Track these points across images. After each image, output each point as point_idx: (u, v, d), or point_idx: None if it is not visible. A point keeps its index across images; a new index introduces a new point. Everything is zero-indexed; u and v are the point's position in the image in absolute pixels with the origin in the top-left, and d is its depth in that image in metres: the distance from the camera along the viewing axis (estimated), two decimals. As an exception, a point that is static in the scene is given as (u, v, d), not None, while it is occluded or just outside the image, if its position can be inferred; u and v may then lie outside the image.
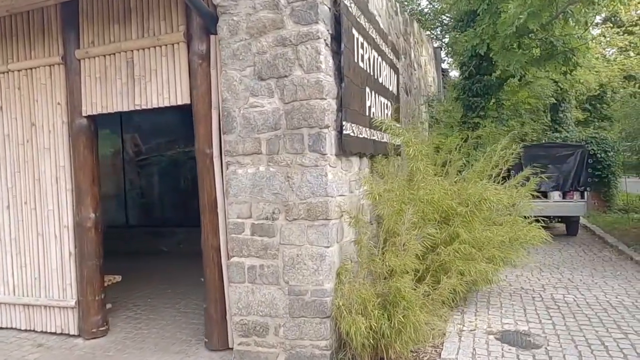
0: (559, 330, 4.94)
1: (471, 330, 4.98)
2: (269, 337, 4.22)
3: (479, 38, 7.98)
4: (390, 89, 6.59)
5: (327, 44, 4.11)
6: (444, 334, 4.85)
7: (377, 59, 5.73)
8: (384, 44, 6.10)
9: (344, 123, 4.25)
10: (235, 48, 4.22)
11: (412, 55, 10.40)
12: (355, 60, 4.68)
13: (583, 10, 7.37)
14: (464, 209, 5.00)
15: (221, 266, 4.52)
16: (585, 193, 10.35)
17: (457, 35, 9.99)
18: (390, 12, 8.03)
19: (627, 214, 12.42)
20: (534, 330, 4.97)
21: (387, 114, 6.30)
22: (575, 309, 5.67)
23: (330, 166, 4.09)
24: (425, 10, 18.14)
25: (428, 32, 19.13)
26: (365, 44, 5.11)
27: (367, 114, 5.17)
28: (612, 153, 13.69)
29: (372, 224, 5.55)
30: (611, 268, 7.72)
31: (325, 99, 4.01)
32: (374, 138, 5.41)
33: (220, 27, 4.27)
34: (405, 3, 15.32)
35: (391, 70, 6.65)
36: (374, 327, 3.79)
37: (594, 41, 20.17)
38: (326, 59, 4.07)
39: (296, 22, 4.02)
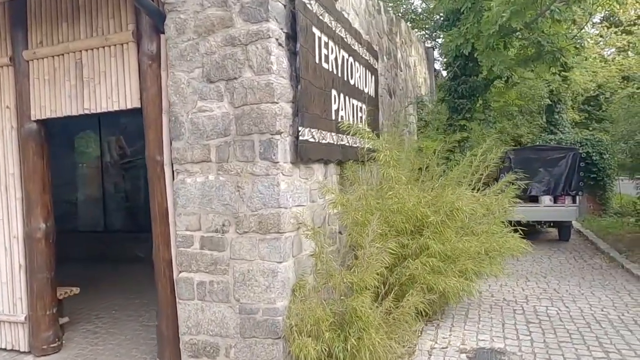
0: (536, 348, 4.63)
1: (443, 348, 4.68)
2: (220, 358, 3.93)
3: (463, 37, 7.68)
4: (366, 91, 6.30)
5: (280, 44, 3.81)
6: (414, 352, 4.56)
7: (348, 59, 5.43)
8: (357, 43, 5.81)
9: (300, 128, 3.96)
10: (183, 48, 3.94)
11: (399, 55, 10.10)
12: (317, 61, 4.39)
13: (570, 9, 7.05)
14: (436, 218, 4.69)
15: (173, 281, 4.23)
16: (577, 197, 10.03)
17: (442, 35, 9.68)
18: (371, 11, 7.73)
19: (622, 217, 12.08)
20: (511, 347, 4.67)
21: (361, 118, 6.01)
22: (557, 323, 5.36)
23: (283, 175, 3.80)
24: (419, 9, 17.84)
25: (422, 32, 18.85)
26: (331, 44, 4.82)
27: (334, 118, 4.87)
28: (607, 155, 13.37)
29: (342, 234, 5.26)
30: (600, 277, 7.40)
31: (277, 103, 3.72)
32: (342, 143, 5.11)
33: (168, 26, 3.99)
34: (398, 2, 15.02)
35: (367, 71, 6.35)
36: (326, 350, 3.49)
37: (590, 41, 19.87)
38: (278, 59, 3.78)
39: (246, 20, 3.74)
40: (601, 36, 19.87)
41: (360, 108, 5.97)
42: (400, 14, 14.90)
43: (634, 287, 6.72)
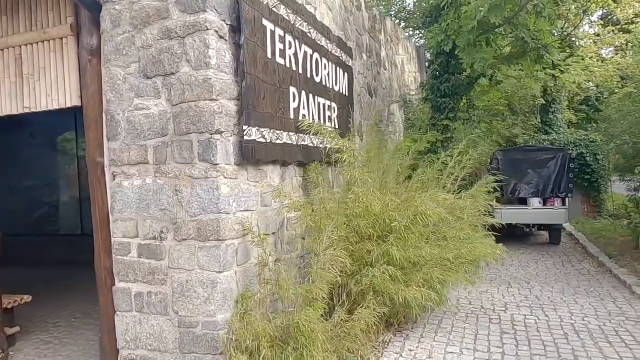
0: (507, 363, 4.34)
1: (406, 363, 4.39)
2: (159, 375, 3.65)
3: (444, 34, 7.39)
4: (337, 89, 6.02)
5: (221, 36, 3.54)
6: (376, 366, 4.28)
7: (312, 56, 5.16)
8: (324, 39, 5.53)
9: (246, 128, 3.68)
10: (119, 42, 3.67)
11: (384, 53, 9.82)
12: (269, 56, 4.12)
13: (555, 4, 6.76)
14: (399, 224, 4.41)
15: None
16: (567, 200, 9.71)
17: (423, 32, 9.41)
18: (349, 7, 7.46)
19: (616, 220, 11.74)
20: (480, 362, 4.38)
21: (330, 117, 5.73)
22: (534, 334, 5.06)
23: (225, 178, 3.52)
24: (410, 8, 17.54)
25: (417, 32, 18.55)
26: (289, 39, 4.54)
27: (293, 117, 4.60)
28: (601, 156, 13.04)
29: (304, 239, 4.98)
30: (586, 283, 7.09)
31: (217, 100, 3.45)
32: (304, 144, 4.83)
33: (104, 18, 3.73)
34: (390, 1, 14.73)
35: (338, 68, 6.08)
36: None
37: (588, 40, 19.52)
38: (219, 53, 3.50)
39: (183, 10, 3.47)
40: (598, 35, 19.51)
41: (329, 107, 5.70)
42: (392, 13, 14.56)
43: (619, 295, 6.41)
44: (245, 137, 3.69)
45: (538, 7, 6.81)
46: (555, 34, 7.89)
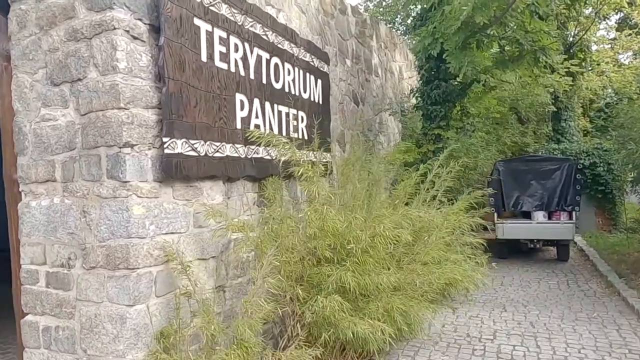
0: (480, 406, 3.77)
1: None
2: (67, 422, 3.21)
3: (431, 37, 6.89)
4: (306, 96, 5.56)
5: (135, 37, 3.13)
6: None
7: (270, 60, 4.72)
8: (287, 42, 5.09)
9: (167, 140, 3.25)
10: (25, 45, 3.29)
11: (375, 60, 9.34)
12: (204, 59, 3.68)
13: (551, 2, 6.21)
14: (356, 246, 3.90)
15: (32, 322, 3.54)
16: (574, 213, 9.02)
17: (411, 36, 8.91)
18: (329, 11, 7.03)
19: (632, 233, 10.92)
20: (450, 404, 3.82)
21: (296, 127, 5.27)
22: (519, 369, 4.47)
23: (138, 197, 3.08)
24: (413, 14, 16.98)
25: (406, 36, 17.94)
26: (235, 41, 4.11)
27: (240, 127, 4.15)
28: (616, 165, 12.26)
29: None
30: (590, 307, 6.43)
31: (127, 109, 3.03)
32: (257, 157, 4.38)
33: (10, 20, 3.35)
34: (391, 8, 14.28)
35: (308, 74, 5.62)
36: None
37: (603, 45, 18.72)
38: (131, 55, 3.09)
39: (89, 8, 3.07)
40: (614, 39, 18.68)
41: (295, 116, 5.24)
42: (394, 21, 14.11)
43: (625, 321, 5.75)
44: (167, 151, 3.25)
45: (532, 5, 6.25)
46: (554, 34, 7.28)
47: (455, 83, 7.96)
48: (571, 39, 13.91)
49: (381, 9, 14.94)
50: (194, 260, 3.60)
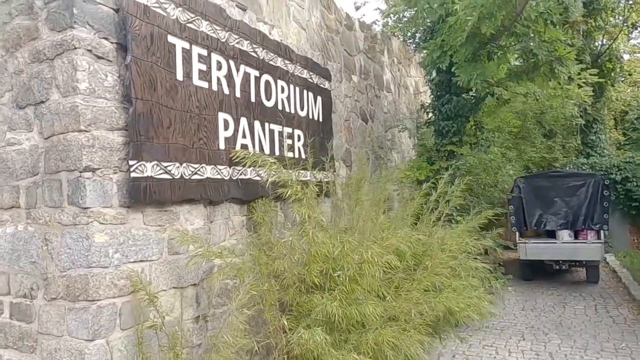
0: None
1: None
2: None
3: (439, 49, 6.62)
4: (303, 114, 5.36)
5: (99, 56, 3.00)
6: None
7: (260, 77, 4.55)
8: (280, 59, 4.92)
9: (134, 163, 3.08)
10: (-8, 68, 3.21)
11: (387, 75, 9.11)
12: (180, 78, 3.53)
13: (564, 9, 5.87)
14: (344, 272, 3.63)
15: (3, 354, 3.41)
16: (602, 232, 8.44)
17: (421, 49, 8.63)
18: (334, 27, 6.86)
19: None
20: None
21: (291, 146, 5.06)
22: (532, 409, 4.05)
23: (101, 224, 2.92)
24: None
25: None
26: (218, 58, 3.96)
27: (223, 147, 3.97)
28: (650, 179, 11.57)
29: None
30: (618, 335, 5.89)
31: (87, 132, 2.88)
32: (243, 178, 4.18)
33: (-20, 43, 3.29)
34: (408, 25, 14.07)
35: (305, 91, 5.43)
36: None
37: (637, 54, 17.93)
38: (94, 76, 2.95)
39: (52, 28, 2.96)
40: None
41: (289, 134, 5.04)
42: (415, 36, 13.88)
43: (656, 354, 5.22)
44: (134, 174, 3.08)
45: (544, 13, 5.92)
46: (570, 43, 6.89)
47: (468, 97, 7.63)
48: (599, 48, 13.32)
49: (400, 25, 14.76)
50: (169, 289, 3.41)
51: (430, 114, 8.24)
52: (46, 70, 2.98)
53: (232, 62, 4.16)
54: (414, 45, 11.43)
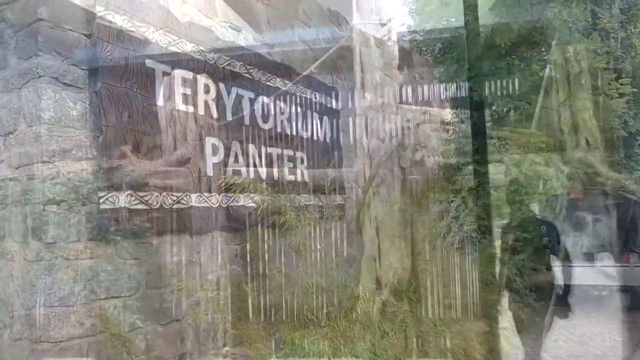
0: None
1: None
2: None
3: (456, 64, 6.30)
4: (307, 136, 5.15)
5: (67, 84, 2.89)
6: None
7: (255, 99, 4.37)
8: (280, 79, 4.74)
9: (102, 194, 2.93)
10: (-33, 99, 3.16)
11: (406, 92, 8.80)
12: (160, 103, 3.39)
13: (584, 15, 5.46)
14: (333, 308, 3.34)
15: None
16: (646, 255, 7.74)
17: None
18: (344, 43, 6.66)
19: None
20: None
21: (294, 169, 4.85)
22: None
23: (66, 259, 2.77)
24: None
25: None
26: (205, 81, 3.80)
27: (212, 173, 3.79)
28: (703, 196, 10.62)
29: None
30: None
31: (50, 162, 2.76)
32: (235, 204, 3.98)
33: (-42, 74, 3.25)
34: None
35: (310, 112, 5.23)
36: None
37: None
38: (60, 104, 2.84)
39: (19, 57, 2.89)
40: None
41: (290, 157, 4.82)
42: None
43: None
44: (105, 206, 2.93)
45: (568, 22, 5.52)
46: (600, 52, 6.43)
47: (489, 112, 7.22)
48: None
49: (426, 39, 14.44)
50: (147, 327, 3.21)
51: (451, 131, 7.88)
52: (14, 100, 2.89)
53: (222, 85, 4.00)
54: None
